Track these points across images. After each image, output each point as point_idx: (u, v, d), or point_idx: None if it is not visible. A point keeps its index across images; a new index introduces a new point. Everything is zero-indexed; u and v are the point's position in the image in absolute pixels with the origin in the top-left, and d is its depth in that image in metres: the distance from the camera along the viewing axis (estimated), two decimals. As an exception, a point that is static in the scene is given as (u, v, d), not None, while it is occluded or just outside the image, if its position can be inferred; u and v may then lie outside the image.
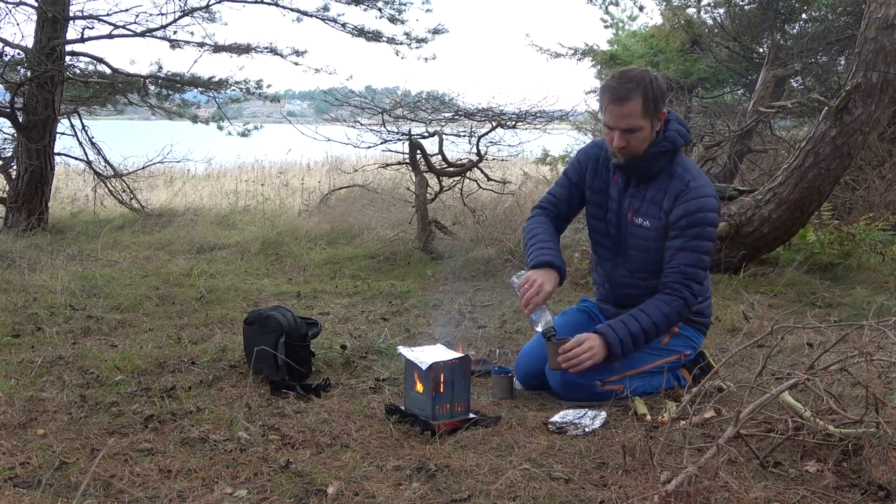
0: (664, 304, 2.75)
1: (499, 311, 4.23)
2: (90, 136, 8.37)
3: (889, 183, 6.91)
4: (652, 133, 2.77)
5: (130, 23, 7.83)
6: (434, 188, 6.74)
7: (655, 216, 2.80)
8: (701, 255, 2.77)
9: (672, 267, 2.77)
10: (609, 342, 2.71)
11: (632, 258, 2.89)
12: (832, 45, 8.45)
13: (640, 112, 2.72)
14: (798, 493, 2.00)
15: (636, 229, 2.85)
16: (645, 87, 2.71)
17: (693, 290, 2.76)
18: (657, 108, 2.75)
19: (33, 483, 2.06)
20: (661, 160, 2.80)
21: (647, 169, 2.81)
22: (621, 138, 2.75)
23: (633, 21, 14.00)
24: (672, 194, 2.77)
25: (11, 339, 3.55)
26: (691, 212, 2.73)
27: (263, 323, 3.06)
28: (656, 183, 2.82)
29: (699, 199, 2.74)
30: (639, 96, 2.71)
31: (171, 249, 6.22)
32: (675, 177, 2.79)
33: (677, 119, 2.87)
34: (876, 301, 4.36)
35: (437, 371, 2.49)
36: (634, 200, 2.85)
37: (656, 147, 2.78)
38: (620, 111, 2.72)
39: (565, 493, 2.01)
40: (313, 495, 2.01)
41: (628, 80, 2.74)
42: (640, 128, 2.74)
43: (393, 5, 8.66)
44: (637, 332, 2.72)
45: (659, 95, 2.75)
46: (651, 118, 2.75)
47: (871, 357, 2.26)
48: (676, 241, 2.76)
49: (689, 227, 2.74)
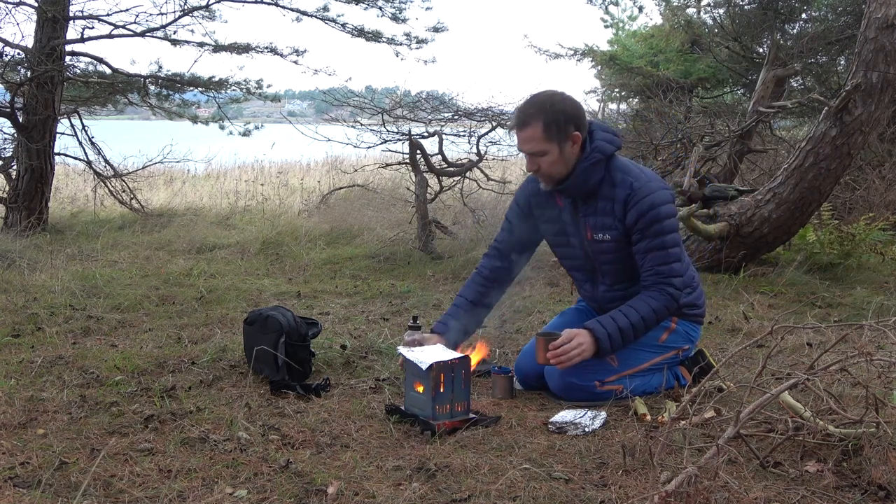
0: (652, 299, 2.76)
1: (499, 311, 4.23)
2: (90, 135, 8.37)
3: (889, 183, 6.91)
4: (564, 156, 2.74)
5: (130, 23, 7.85)
6: (434, 188, 6.74)
7: (612, 227, 2.79)
8: (668, 250, 2.76)
9: (646, 270, 2.78)
10: (597, 337, 2.71)
11: (606, 273, 2.90)
12: (832, 45, 8.45)
13: (541, 136, 2.71)
14: (798, 493, 2.00)
15: (599, 245, 2.84)
16: (545, 112, 2.70)
17: (675, 284, 2.77)
18: (561, 130, 2.71)
19: (33, 483, 2.06)
20: (595, 172, 2.77)
21: (583, 185, 2.78)
22: (531, 162, 2.76)
23: (632, 21, 14.02)
24: (620, 201, 2.76)
25: (11, 339, 3.55)
26: (644, 212, 2.73)
27: (263, 323, 3.06)
28: (602, 194, 2.80)
29: (648, 198, 2.73)
30: (538, 121, 2.70)
31: (171, 249, 6.22)
32: (618, 183, 2.77)
33: (602, 128, 2.84)
34: (876, 301, 4.36)
35: (437, 371, 2.49)
36: (588, 218, 2.84)
37: (585, 161, 2.76)
38: (522, 136, 2.75)
39: (565, 493, 2.01)
40: (313, 495, 2.01)
41: (530, 105, 2.75)
42: (545, 151, 2.72)
43: (393, 4, 8.66)
44: (626, 326, 2.72)
45: (563, 119, 2.71)
46: (557, 141, 2.72)
47: (871, 357, 2.26)
48: (641, 244, 2.76)
49: (647, 227, 2.73)
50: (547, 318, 3.82)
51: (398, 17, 8.72)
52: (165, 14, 8.04)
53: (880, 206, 6.57)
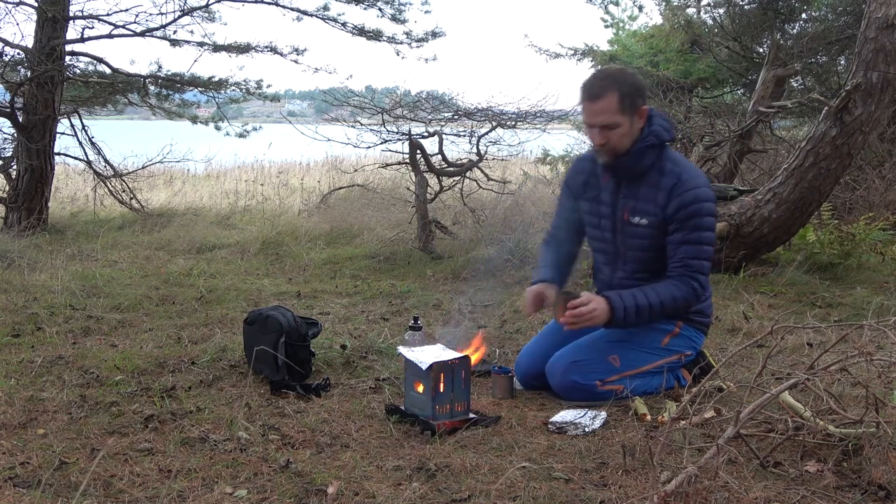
0: (675, 287, 2.76)
1: (499, 311, 4.24)
2: (90, 135, 8.36)
3: (889, 183, 6.91)
4: (632, 129, 2.77)
5: (130, 22, 7.84)
6: (434, 188, 6.74)
7: (652, 213, 2.80)
8: (703, 246, 2.78)
9: (676, 261, 2.77)
10: (613, 307, 2.71)
11: (630, 259, 2.89)
12: (832, 45, 8.45)
13: (616, 108, 2.73)
14: (798, 493, 2.00)
15: (633, 229, 2.85)
16: (620, 84, 2.74)
17: (700, 281, 2.78)
18: (634, 104, 2.75)
19: (33, 483, 2.06)
20: (648, 156, 2.80)
21: (635, 165, 2.81)
22: (600, 135, 2.76)
23: (633, 21, 14.01)
24: (665, 189, 2.77)
25: (11, 339, 3.55)
26: (687, 203, 2.74)
27: (263, 323, 3.06)
28: (648, 180, 2.82)
29: (693, 191, 2.75)
30: (613, 92, 2.73)
31: (171, 249, 6.22)
32: (666, 172, 2.80)
33: (660, 115, 2.88)
34: (876, 301, 4.36)
35: (437, 371, 2.49)
36: (629, 200, 2.85)
37: (641, 142, 2.79)
38: (595, 108, 2.75)
39: (565, 493, 2.01)
40: (313, 495, 2.01)
41: (603, 77, 2.79)
42: (618, 124, 2.74)
43: (393, 4, 8.65)
44: (643, 305, 2.72)
45: (635, 91, 2.76)
46: (628, 114, 2.75)
47: (871, 357, 2.26)
48: (677, 234, 2.76)
49: (686, 219, 2.74)
50: (547, 318, 3.82)
51: (398, 17, 8.72)
52: (165, 14, 8.05)
53: (880, 206, 6.56)
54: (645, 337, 2.85)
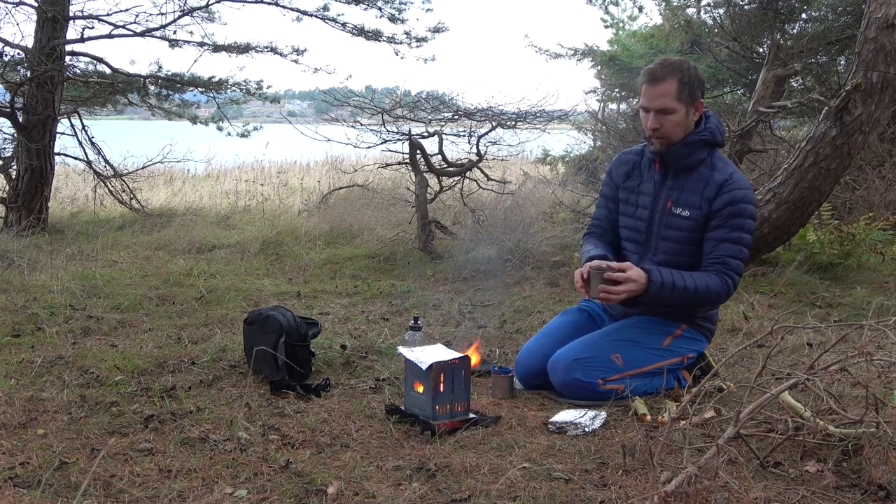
0: (710, 278, 2.77)
1: (499, 311, 4.24)
2: (90, 135, 8.36)
3: (889, 183, 6.90)
4: (687, 119, 2.81)
5: (130, 23, 7.84)
6: (434, 188, 6.74)
7: (696, 206, 2.82)
8: (742, 247, 2.80)
9: (714, 257, 2.79)
10: (651, 279, 2.72)
11: (661, 251, 2.90)
12: (832, 45, 8.44)
13: (674, 94, 2.77)
14: (798, 493, 2.00)
15: (674, 219, 2.86)
16: (682, 72, 2.78)
17: (734, 281, 2.80)
18: (692, 94, 2.79)
19: (33, 483, 2.06)
20: (701, 150, 2.84)
21: (687, 156, 2.84)
22: (655, 119, 2.80)
23: (633, 21, 14.02)
24: (716, 183, 2.80)
25: (11, 339, 3.55)
26: (736, 200, 2.77)
27: (263, 323, 3.06)
28: (697, 174, 2.85)
29: (743, 191, 2.79)
30: (674, 78, 2.77)
31: (171, 249, 6.22)
32: (718, 169, 2.84)
33: (717, 119, 2.93)
34: (876, 301, 4.36)
35: (437, 371, 2.49)
36: (673, 191, 2.87)
37: (697, 135, 2.83)
38: (654, 91, 2.79)
39: (565, 493, 2.01)
40: (313, 495, 2.01)
41: (666, 64, 2.83)
42: (674, 110, 2.78)
43: (393, 4, 8.65)
44: (680, 286, 2.73)
45: (695, 83, 2.80)
46: (685, 103, 2.78)
47: (871, 357, 2.26)
48: (718, 231, 2.78)
49: (731, 216, 2.77)
50: (547, 318, 3.82)
51: (397, 17, 8.72)
52: (165, 14, 8.05)
53: (880, 206, 6.56)
54: (648, 336, 2.86)
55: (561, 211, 7.50)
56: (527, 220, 6.14)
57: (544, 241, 5.81)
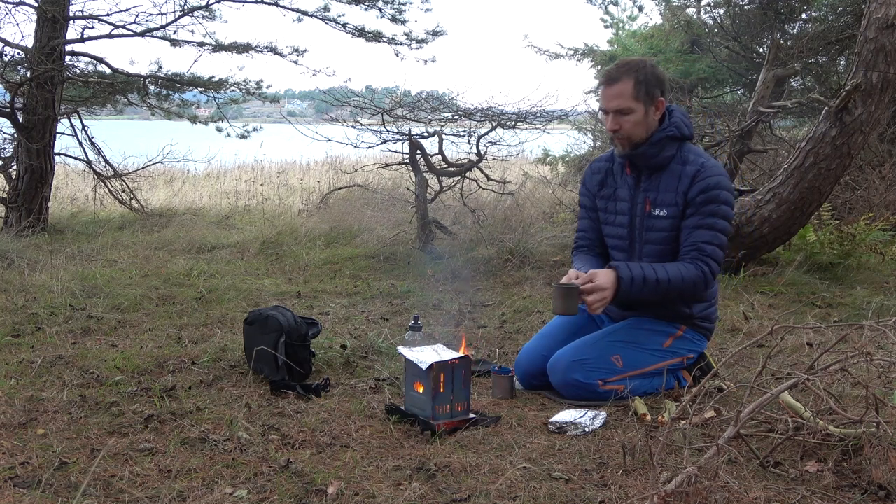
0: (683, 267, 2.76)
1: (499, 311, 4.24)
2: (90, 135, 8.36)
3: (889, 183, 6.90)
4: (647, 119, 2.79)
5: (130, 23, 7.84)
6: (434, 188, 6.74)
7: (672, 203, 2.81)
8: (717, 232, 2.77)
9: (689, 245, 2.77)
10: (621, 276, 2.70)
11: (646, 254, 2.89)
12: (832, 45, 8.44)
13: (631, 94, 2.75)
14: (798, 493, 2.00)
15: (654, 221, 2.85)
16: (637, 71, 2.76)
17: (711, 267, 2.76)
18: (650, 93, 2.77)
19: (33, 483, 2.06)
20: (669, 146, 2.82)
21: (656, 155, 2.82)
22: (613, 121, 2.79)
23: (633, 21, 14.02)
24: (688, 175, 2.79)
25: (11, 339, 3.55)
26: (709, 188, 2.75)
27: (263, 323, 3.06)
28: (669, 171, 2.83)
29: (716, 178, 2.77)
30: (629, 78, 2.76)
31: (171, 249, 6.22)
32: (689, 161, 2.82)
33: (681, 112, 2.90)
34: (876, 301, 4.36)
35: (437, 371, 2.49)
36: (650, 193, 2.86)
37: (662, 131, 2.81)
38: (610, 92, 2.78)
39: (565, 493, 2.01)
40: (313, 495, 2.01)
41: (622, 64, 2.83)
42: (631, 110, 2.76)
43: (393, 5, 8.65)
44: (651, 278, 2.72)
45: (653, 81, 2.78)
46: (644, 102, 2.77)
47: (871, 357, 2.26)
48: (692, 219, 2.77)
49: (704, 203, 2.75)
50: (547, 318, 3.82)
51: (398, 18, 8.73)
52: (165, 14, 8.04)
53: (880, 206, 6.55)
54: (648, 338, 2.85)
55: (561, 211, 7.51)
56: (527, 220, 6.15)
57: (544, 241, 5.81)
